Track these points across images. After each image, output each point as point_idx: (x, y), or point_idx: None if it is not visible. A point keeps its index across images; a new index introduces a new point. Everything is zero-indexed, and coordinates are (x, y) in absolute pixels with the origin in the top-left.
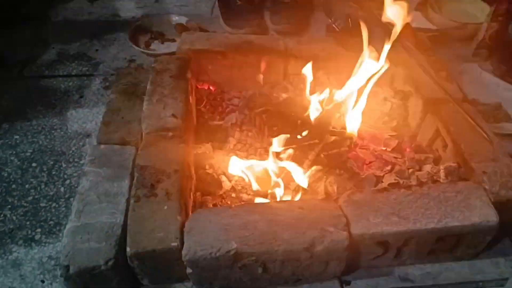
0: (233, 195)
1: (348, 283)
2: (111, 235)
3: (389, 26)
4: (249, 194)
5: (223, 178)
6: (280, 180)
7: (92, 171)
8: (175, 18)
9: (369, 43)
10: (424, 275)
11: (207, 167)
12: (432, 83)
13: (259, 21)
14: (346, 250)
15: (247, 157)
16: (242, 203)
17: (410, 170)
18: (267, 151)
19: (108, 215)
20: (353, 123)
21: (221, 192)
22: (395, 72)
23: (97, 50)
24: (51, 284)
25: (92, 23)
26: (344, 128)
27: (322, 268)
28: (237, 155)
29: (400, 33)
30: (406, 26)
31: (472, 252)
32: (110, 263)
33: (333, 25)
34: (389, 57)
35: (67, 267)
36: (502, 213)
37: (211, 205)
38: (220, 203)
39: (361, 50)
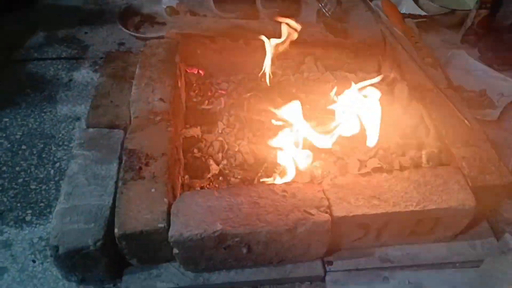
0: (221, 178)
1: (331, 263)
2: (100, 217)
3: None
4: (236, 178)
5: (211, 161)
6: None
7: (80, 154)
8: (165, 1)
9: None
10: (404, 256)
11: (195, 150)
12: (418, 69)
13: (250, 5)
14: (327, 232)
15: (235, 142)
16: (230, 186)
17: (393, 155)
18: (255, 136)
19: (97, 197)
20: None
21: (209, 176)
22: (383, 58)
23: (86, 33)
24: (42, 264)
25: (82, 7)
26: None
27: (305, 249)
28: (225, 139)
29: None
30: (394, 11)
31: (450, 234)
32: (98, 243)
33: (323, 10)
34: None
35: (56, 248)
36: (480, 197)
37: (198, 188)
38: (207, 186)
39: (348, 36)
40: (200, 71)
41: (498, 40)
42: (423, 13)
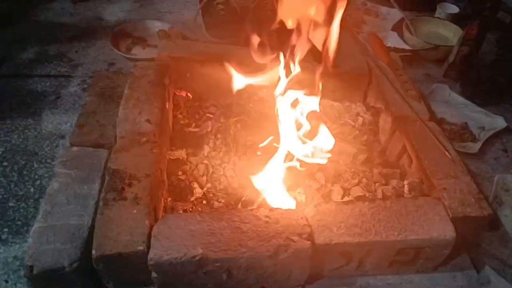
0: (204, 202)
1: None
2: (77, 237)
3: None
4: (220, 202)
5: (195, 184)
6: None
7: (62, 173)
8: (158, 24)
9: None
10: (385, 286)
11: (180, 173)
12: (401, 101)
13: (241, 32)
14: (309, 259)
15: (220, 165)
16: (213, 210)
17: (377, 184)
18: (240, 160)
19: (76, 217)
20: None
21: (192, 199)
22: (368, 89)
23: (77, 51)
24: (15, 284)
25: (74, 25)
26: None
27: (286, 276)
28: (210, 162)
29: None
30: (380, 45)
31: (431, 265)
32: (74, 265)
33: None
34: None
35: (31, 268)
36: (460, 228)
37: (181, 211)
38: (190, 209)
39: (335, 66)
40: (189, 94)
41: (479, 76)
42: (408, 48)
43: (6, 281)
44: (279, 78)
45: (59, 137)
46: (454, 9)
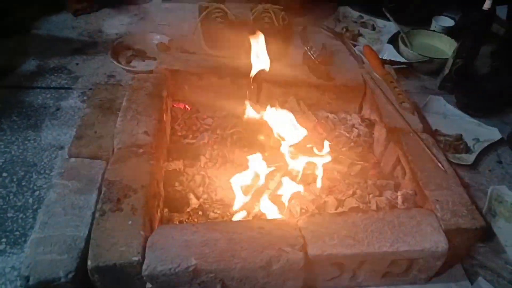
0: (200, 213)
1: None
2: (74, 248)
3: (361, 56)
4: (215, 213)
5: (191, 195)
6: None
7: (60, 184)
8: (157, 37)
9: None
10: None
11: (176, 184)
12: (395, 113)
13: (239, 45)
14: (302, 270)
15: (216, 176)
16: (208, 221)
17: (371, 195)
18: (236, 170)
19: (73, 227)
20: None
21: (188, 210)
22: (363, 101)
23: (77, 64)
24: None
25: (75, 38)
26: None
27: (279, 286)
28: (207, 173)
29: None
30: (375, 57)
31: (424, 276)
32: (70, 275)
33: (309, 53)
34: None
35: (27, 278)
36: (453, 240)
37: (177, 222)
38: (186, 220)
39: (331, 78)
40: (187, 106)
41: (473, 88)
42: (404, 60)
43: None
44: None
45: (58, 148)
46: (449, 22)
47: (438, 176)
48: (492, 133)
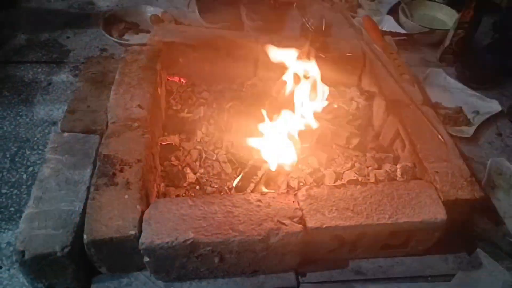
0: (197, 187)
1: (304, 275)
2: (69, 223)
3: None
4: (213, 187)
5: (188, 170)
6: None
7: (53, 159)
8: (151, 9)
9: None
10: (376, 269)
11: (173, 158)
12: (395, 85)
13: (235, 17)
14: (300, 243)
15: (213, 150)
16: (205, 195)
17: (369, 168)
18: (233, 145)
19: (67, 202)
20: None
21: (185, 184)
22: (363, 73)
23: (68, 37)
24: (8, 270)
25: (66, 11)
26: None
27: (278, 259)
28: (203, 147)
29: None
30: (375, 28)
31: (422, 248)
32: (66, 250)
33: (307, 25)
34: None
35: (22, 253)
36: (451, 211)
37: (174, 197)
38: (183, 194)
39: (330, 50)
40: (182, 80)
41: (474, 60)
42: (404, 32)
43: (0, 267)
44: None
45: (51, 124)
46: None
47: (438, 149)
48: (492, 106)
